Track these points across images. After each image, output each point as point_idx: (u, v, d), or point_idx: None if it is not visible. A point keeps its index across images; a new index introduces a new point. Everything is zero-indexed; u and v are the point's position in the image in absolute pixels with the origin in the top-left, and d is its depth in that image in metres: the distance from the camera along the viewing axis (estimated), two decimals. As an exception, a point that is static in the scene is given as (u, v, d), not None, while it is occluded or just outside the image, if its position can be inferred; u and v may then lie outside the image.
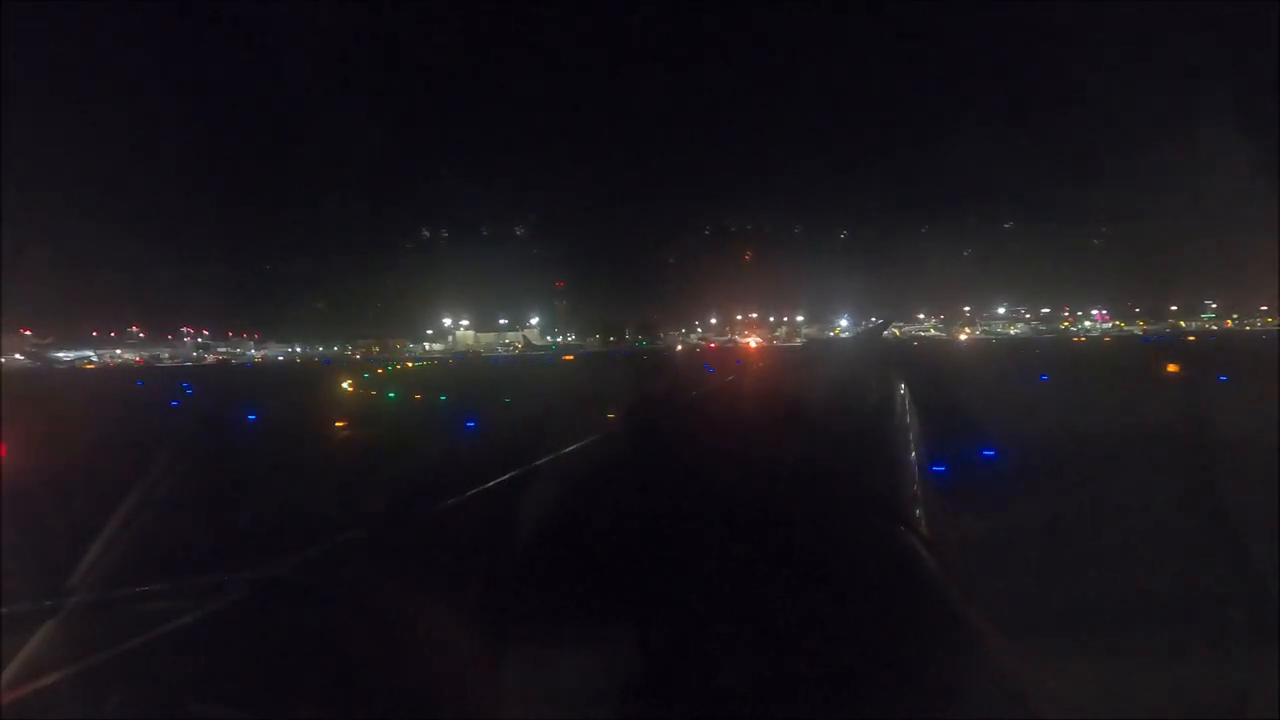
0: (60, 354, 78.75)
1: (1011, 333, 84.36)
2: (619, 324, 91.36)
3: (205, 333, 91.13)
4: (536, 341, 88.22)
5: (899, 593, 1.56)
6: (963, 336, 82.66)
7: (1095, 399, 15.03)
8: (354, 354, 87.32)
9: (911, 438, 3.37)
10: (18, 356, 75.57)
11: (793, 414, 4.50)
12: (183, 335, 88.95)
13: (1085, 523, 5.21)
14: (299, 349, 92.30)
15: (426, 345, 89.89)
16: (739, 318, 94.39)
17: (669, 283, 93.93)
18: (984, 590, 2.38)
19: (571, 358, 57.07)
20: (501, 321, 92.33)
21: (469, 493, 2.67)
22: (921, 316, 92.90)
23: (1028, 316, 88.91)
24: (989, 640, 1.26)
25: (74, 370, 70.34)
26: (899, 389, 5.10)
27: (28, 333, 79.47)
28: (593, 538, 2.05)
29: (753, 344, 79.03)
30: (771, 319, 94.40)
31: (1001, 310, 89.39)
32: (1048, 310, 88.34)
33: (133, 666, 1.28)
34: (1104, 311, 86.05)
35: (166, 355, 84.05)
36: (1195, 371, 19.67)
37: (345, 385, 27.30)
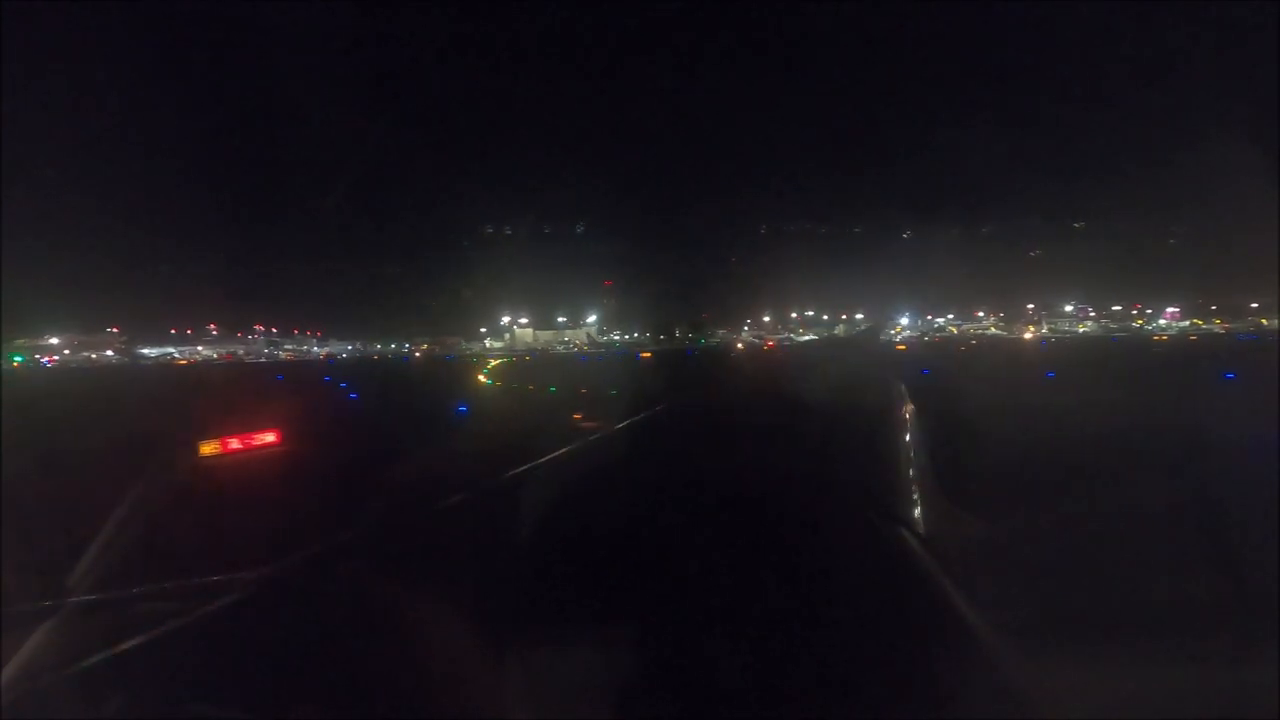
0: (145, 350, 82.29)
1: (1080, 331, 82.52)
2: (670, 322, 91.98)
3: (274, 330, 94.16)
4: (598, 339, 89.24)
5: (899, 592, 1.57)
6: (1028, 335, 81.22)
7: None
8: (414, 351, 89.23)
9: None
10: (109, 353, 79.24)
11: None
12: (256, 333, 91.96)
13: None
14: (358, 347, 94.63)
15: (487, 343, 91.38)
16: (794, 316, 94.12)
17: (722, 282, 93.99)
18: (983, 591, 2.43)
19: (650, 354, 57.73)
20: (560, 319, 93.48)
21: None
22: (981, 314, 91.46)
23: (1093, 314, 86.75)
24: (988, 641, 1.41)
25: (196, 366, 73.31)
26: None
27: (114, 330, 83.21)
28: None
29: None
30: (826, 317, 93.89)
31: (1069, 308, 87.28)
32: (1118, 308, 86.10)
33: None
34: (1175, 309, 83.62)
35: (242, 351, 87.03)
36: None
37: (484, 379, 28.24)
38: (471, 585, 2.62)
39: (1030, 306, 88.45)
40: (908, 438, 4.32)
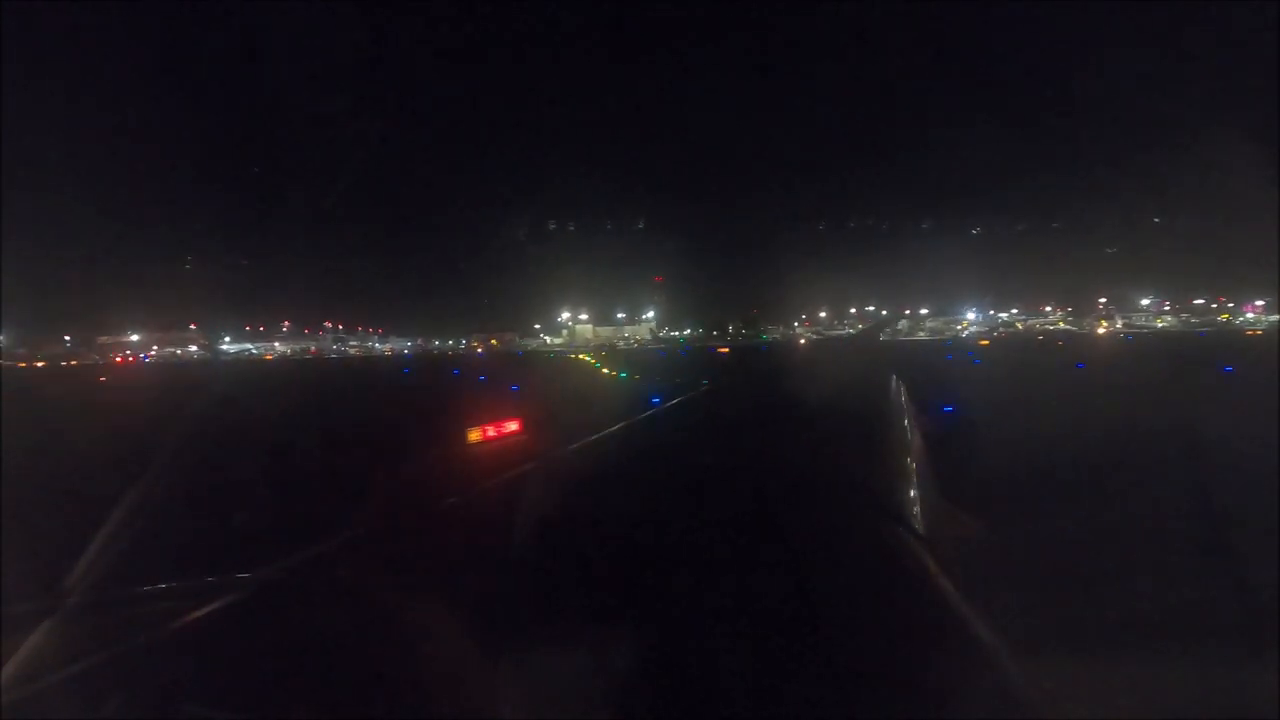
0: (225, 346, 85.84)
1: (1158, 326, 79.78)
2: (723, 318, 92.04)
3: (339, 327, 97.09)
4: (659, 335, 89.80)
5: (899, 592, 1.55)
6: (1101, 330, 78.88)
7: None
8: (476, 346, 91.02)
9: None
10: (192, 349, 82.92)
11: None
12: (324, 329, 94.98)
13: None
14: (419, 343, 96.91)
15: (547, 339, 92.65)
16: (852, 311, 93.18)
17: (778, 278, 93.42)
18: (983, 592, 2.34)
19: (727, 350, 57.90)
20: (619, 315, 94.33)
21: None
22: (1048, 309, 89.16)
23: (1169, 307, 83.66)
24: (988, 642, 1.40)
25: (288, 360, 76.13)
26: None
27: (194, 327, 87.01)
28: None
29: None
30: (884, 312, 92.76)
31: (1145, 301, 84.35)
32: (1199, 301, 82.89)
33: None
34: (1261, 303, 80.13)
35: (313, 348, 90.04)
36: None
37: (606, 371, 28.82)
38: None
39: (1102, 301, 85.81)
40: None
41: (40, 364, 75.71)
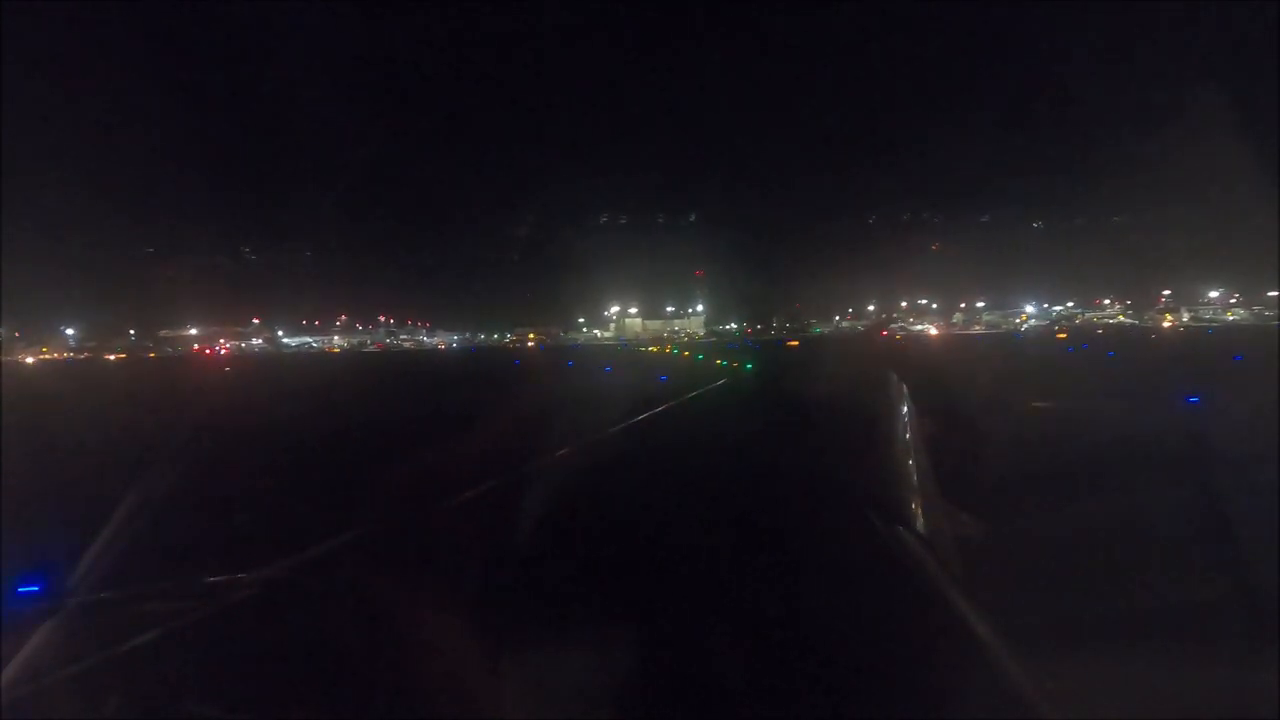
0: (286, 340, 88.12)
1: (1229, 319, 77.51)
2: (767, 312, 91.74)
3: (390, 321, 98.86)
4: (704, 329, 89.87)
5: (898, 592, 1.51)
6: (1166, 324, 76.92)
7: None
8: (522, 341, 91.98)
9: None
10: (256, 342, 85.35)
11: None
12: (380, 323, 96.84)
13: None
14: (464, 336, 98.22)
15: (596, 332, 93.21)
16: (903, 305, 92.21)
17: (828, 272, 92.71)
18: (982, 591, 2.27)
19: (796, 344, 57.72)
20: (668, 309, 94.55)
21: None
22: (1107, 301, 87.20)
23: (1236, 299, 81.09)
24: (988, 642, 1.37)
25: (360, 353, 77.62)
26: None
27: (257, 321, 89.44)
28: None
29: (933, 332, 77.33)
30: (935, 306, 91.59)
31: (1214, 294, 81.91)
32: (1274, 293, 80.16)
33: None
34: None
35: (370, 341, 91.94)
36: None
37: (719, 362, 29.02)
38: None
39: (1165, 293, 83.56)
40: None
41: (119, 355, 78.51)
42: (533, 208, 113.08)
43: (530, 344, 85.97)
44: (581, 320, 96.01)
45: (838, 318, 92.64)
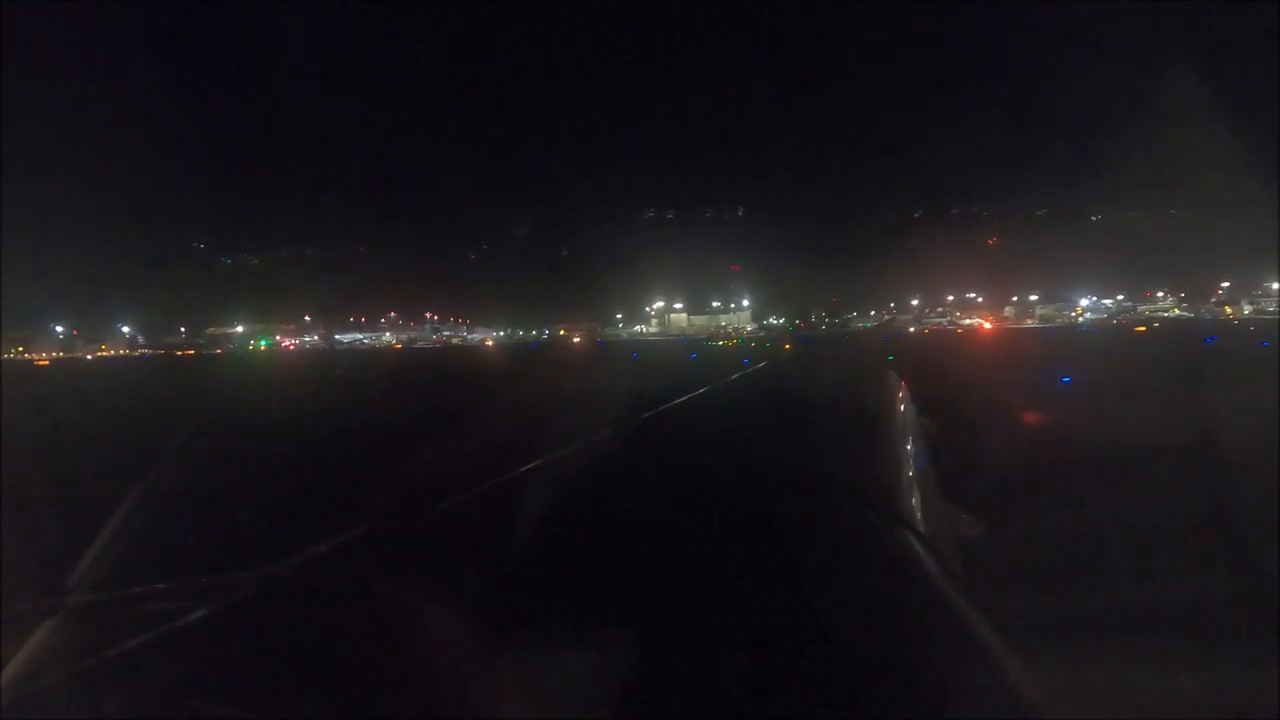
0: (339, 337, 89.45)
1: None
2: (807, 306, 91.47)
3: (434, 317, 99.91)
4: (750, 324, 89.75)
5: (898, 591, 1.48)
6: (1229, 314, 75.60)
7: None
8: (569, 335, 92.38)
9: None
10: (308, 339, 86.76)
11: None
12: (426, 320, 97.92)
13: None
14: (508, 332, 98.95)
15: (640, 328, 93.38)
16: (949, 299, 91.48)
17: (876, 264, 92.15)
18: (983, 591, 2.16)
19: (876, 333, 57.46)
20: (714, 304, 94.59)
21: None
22: (1161, 294, 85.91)
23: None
24: (989, 641, 1.32)
25: (430, 349, 78.59)
26: None
27: (308, 318, 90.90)
28: None
29: (986, 326, 76.69)
30: (980, 299, 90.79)
31: (1277, 285, 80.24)
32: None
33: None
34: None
35: (438, 337, 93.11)
36: None
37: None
38: None
39: (1224, 284, 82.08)
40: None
41: (174, 351, 79.96)
42: (572, 204, 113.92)
43: (578, 340, 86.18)
44: (618, 316, 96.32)
45: (873, 311, 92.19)
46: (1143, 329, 54.54)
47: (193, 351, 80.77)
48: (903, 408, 4.03)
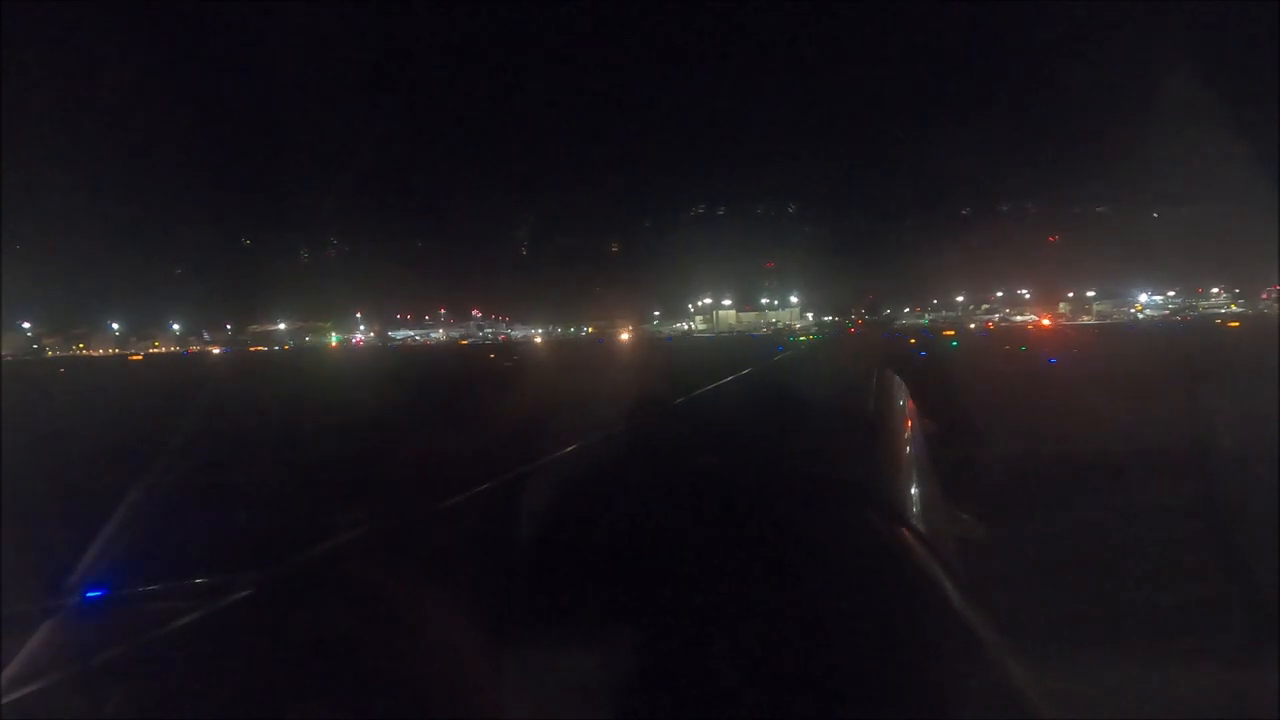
0: (391, 333, 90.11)
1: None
2: (847, 304, 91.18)
3: (478, 314, 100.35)
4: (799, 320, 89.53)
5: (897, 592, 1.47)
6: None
7: None
8: (610, 332, 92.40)
9: None
10: (361, 337, 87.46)
11: None
12: (473, 317, 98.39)
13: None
14: (549, 329, 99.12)
15: (685, 325, 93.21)
16: (998, 295, 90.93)
17: (925, 261, 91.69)
18: (983, 591, 2.00)
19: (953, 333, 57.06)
20: (763, 301, 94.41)
21: None
22: (1216, 291, 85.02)
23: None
24: (988, 641, 1.29)
25: (479, 345, 78.97)
26: None
27: (359, 315, 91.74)
28: None
29: (1045, 323, 76.14)
30: (1028, 295, 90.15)
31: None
32: None
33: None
34: None
35: (503, 334, 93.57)
36: None
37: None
38: None
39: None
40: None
41: (255, 348, 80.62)
42: (619, 201, 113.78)
43: (625, 336, 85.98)
44: (656, 313, 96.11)
45: (907, 309, 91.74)
46: (1236, 324, 53.70)
47: (262, 348, 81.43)
48: (902, 405, 4.01)
